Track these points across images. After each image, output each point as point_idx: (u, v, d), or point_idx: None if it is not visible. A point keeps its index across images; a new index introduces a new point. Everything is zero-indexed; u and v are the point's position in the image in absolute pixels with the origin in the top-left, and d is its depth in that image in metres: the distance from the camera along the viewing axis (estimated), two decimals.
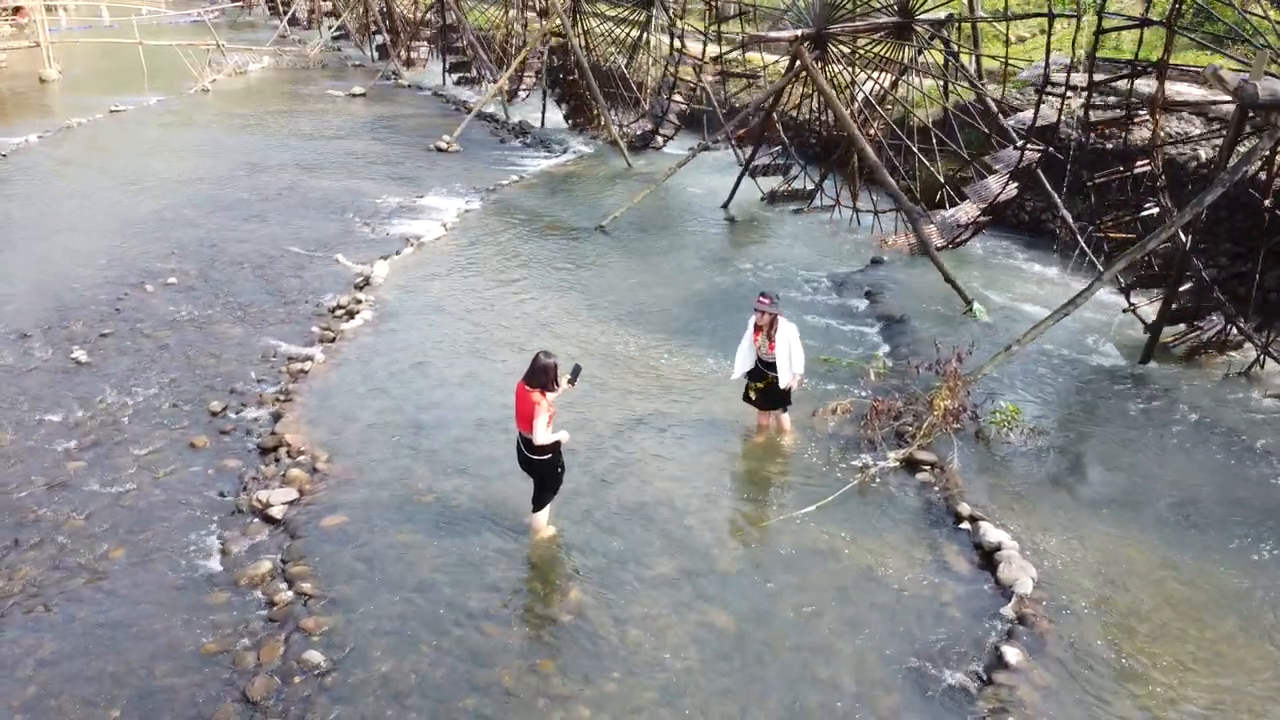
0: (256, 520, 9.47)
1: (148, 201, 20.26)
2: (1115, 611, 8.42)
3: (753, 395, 11.01)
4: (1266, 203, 12.56)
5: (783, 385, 10.58)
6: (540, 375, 8.55)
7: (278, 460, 10.51)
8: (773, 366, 10.53)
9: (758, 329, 10.55)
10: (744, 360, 10.74)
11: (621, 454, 10.72)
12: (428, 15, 38.69)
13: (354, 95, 33.81)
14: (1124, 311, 13.94)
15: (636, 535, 9.28)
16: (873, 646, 7.94)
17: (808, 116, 20.96)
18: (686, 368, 12.97)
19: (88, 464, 10.47)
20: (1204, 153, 15.76)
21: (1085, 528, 9.62)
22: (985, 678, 7.57)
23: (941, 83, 19.23)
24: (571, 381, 8.97)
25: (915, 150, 17.96)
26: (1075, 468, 10.83)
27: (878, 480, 10.29)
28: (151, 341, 13.50)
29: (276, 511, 9.50)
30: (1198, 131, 16.24)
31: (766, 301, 10.43)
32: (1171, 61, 13.31)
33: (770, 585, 8.66)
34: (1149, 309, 13.74)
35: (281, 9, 53.52)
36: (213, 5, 51.13)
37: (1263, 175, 12.70)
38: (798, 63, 18.07)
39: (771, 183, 21.38)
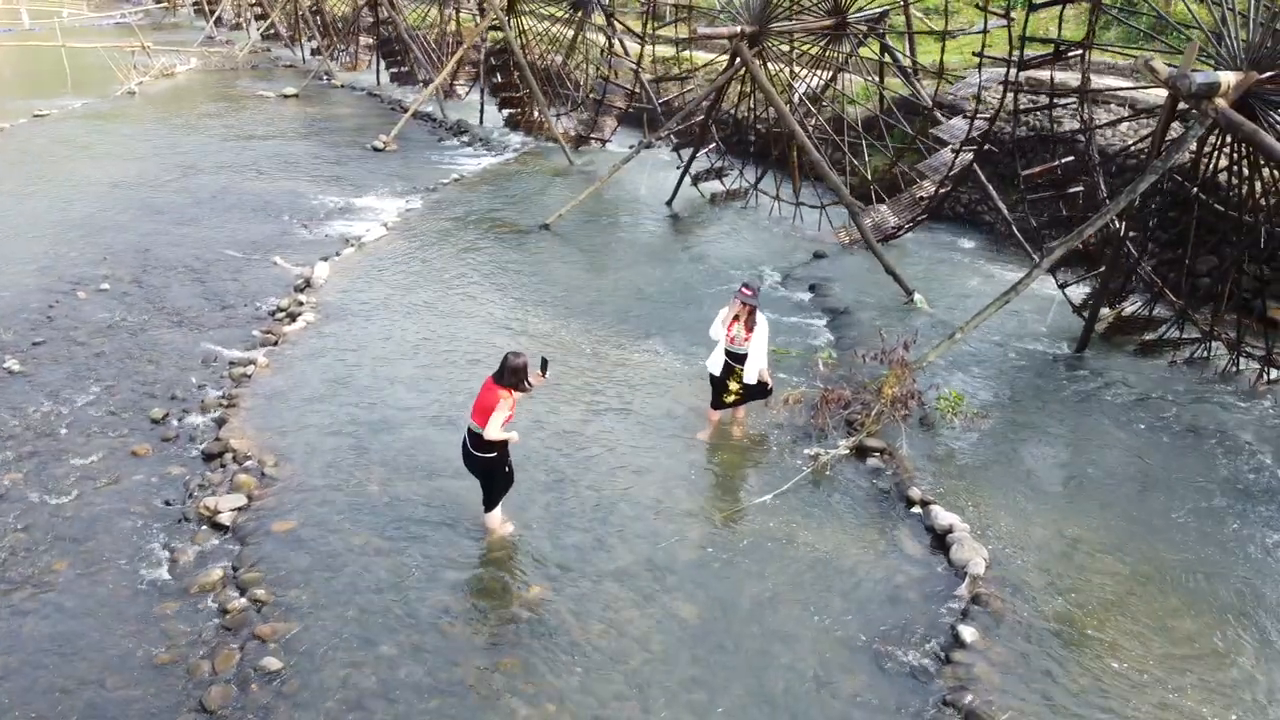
0: (205, 528, 9.24)
1: (77, 206, 19.64)
2: (1066, 588, 8.64)
3: (729, 400, 10.83)
4: (1195, 190, 12.98)
5: (749, 380, 10.57)
6: (511, 376, 8.46)
7: (224, 466, 10.27)
8: (742, 359, 10.53)
9: (735, 318, 10.47)
10: (716, 359, 10.70)
11: (576, 448, 10.69)
12: (361, 13, 38.11)
13: (286, 96, 33.17)
14: (1065, 302, 14.25)
15: (595, 529, 9.27)
16: (833, 631, 8.04)
17: (746, 115, 21.09)
18: (638, 361, 12.99)
19: (25, 476, 10.12)
20: (1131, 141, 16.20)
21: (1032, 508, 9.87)
22: (944, 657, 7.71)
23: (876, 80, 19.51)
24: (543, 374, 8.91)
25: (866, 140, 18.21)
26: (1020, 450, 11.09)
27: (830, 468, 10.42)
28: (86, 349, 13.10)
29: (225, 518, 9.29)
30: (1125, 120, 16.70)
31: (749, 292, 10.39)
32: (1096, 43, 13.78)
33: (730, 574, 8.72)
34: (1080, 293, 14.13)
35: (208, 9, 52.33)
36: (137, 6, 49.80)
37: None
38: (737, 60, 18.17)
39: (711, 186, 21.48)
